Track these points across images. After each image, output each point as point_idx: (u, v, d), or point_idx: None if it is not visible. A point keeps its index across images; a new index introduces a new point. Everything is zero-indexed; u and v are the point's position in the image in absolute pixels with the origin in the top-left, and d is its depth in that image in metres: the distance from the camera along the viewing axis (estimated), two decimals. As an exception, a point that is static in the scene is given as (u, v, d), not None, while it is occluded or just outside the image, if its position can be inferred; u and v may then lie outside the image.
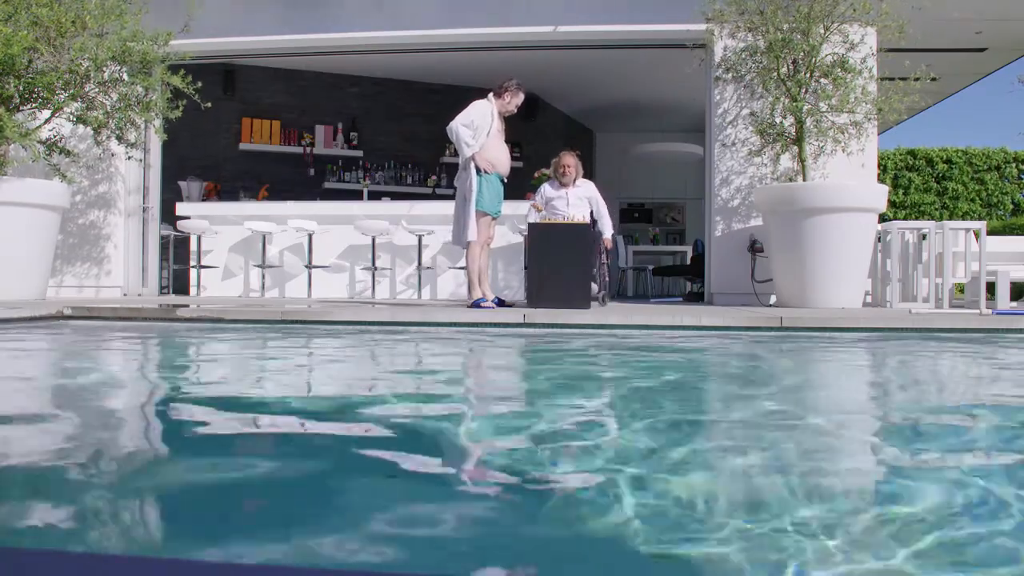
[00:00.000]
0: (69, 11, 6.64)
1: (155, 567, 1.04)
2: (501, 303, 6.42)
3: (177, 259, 9.27)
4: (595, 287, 6.91)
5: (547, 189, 7.24)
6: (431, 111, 10.70)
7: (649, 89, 11.52)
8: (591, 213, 7.18)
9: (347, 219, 8.66)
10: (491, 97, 6.50)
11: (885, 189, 7.09)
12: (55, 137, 7.09)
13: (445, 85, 11.18)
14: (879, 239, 7.23)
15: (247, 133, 10.67)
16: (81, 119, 6.96)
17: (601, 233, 7.18)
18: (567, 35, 8.22)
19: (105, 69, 6.89)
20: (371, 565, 1.06)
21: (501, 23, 8.24)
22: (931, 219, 13.57)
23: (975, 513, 1.31)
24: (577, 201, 7.10)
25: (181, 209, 8.77)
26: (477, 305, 6.19)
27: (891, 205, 14.04)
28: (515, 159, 8.60)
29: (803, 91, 6.97)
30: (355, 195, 10.37)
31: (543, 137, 11.71)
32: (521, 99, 6.57)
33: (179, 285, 9.50)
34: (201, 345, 4.39)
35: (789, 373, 3.49)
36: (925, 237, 7.07)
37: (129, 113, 7.04)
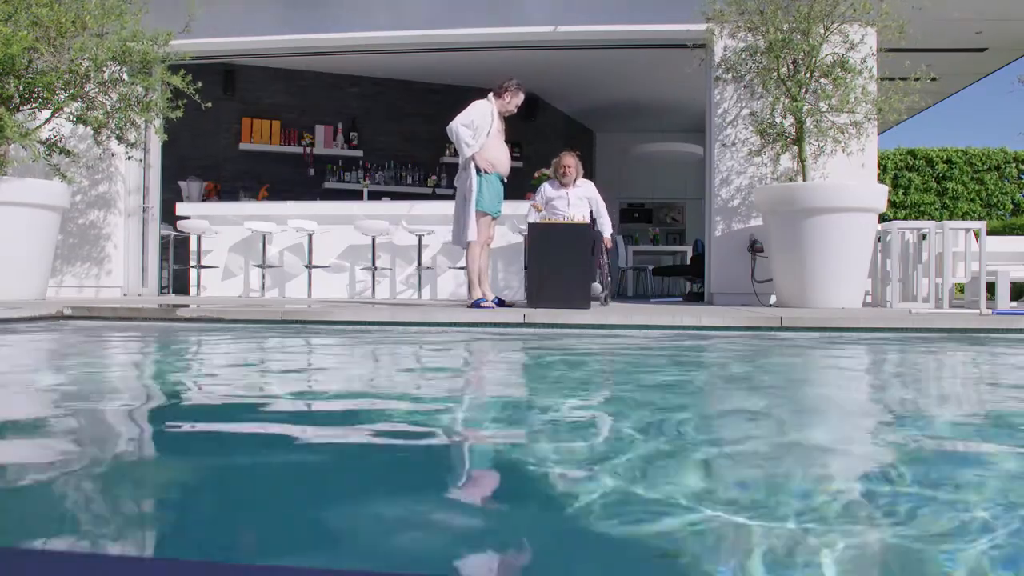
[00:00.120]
0: (69, 11, 6.64)
1: (155, 567, 1.04)
2: (501, 303, 6.42)
3: (177, 259, 9.27)
4: (599, 287, 6.91)
5: (547, 189, 7.24)
6: (431, 111, 10.70)
7: (649, 89, 11.52)
8: (590, 213, 7.18)
9: (347, 219, 8.66)
10: (491, 97, 6.51)
11: (885, 189, 7.09)
12: (55, 137, 7.10)
13: (445, 85, 11.18)
14: (879, 239, 7.23)
15: (247, 133, 10.68)
16: (81, 119, 6.96)
17: (601, 233, 7.18)
18: (567, 35, 8.23)
19: (105, 69, 6.90)
20: (371, 565, 1.06)
21: (501, 23, 8.24)
22: (931, 219, 13.58)
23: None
24: (577, 201, 7.11)
25: (181, 209, 8.78)
26: (477, 305, 6.19)
27: (891, 205, 14.04)
28: (515, 159, 8.60)
29: (803, 91, 6.97)
30: (355, 195, 10.38)
31: (543, 137, 11.71)
32: (521, 99, 6.57)
33: (179, 285, 9.50)
34: (201, 345, 4.39)
35: (795, 373, 3.49)
36: (925, 237, 7.07)
37: (129, 113, 7.04)
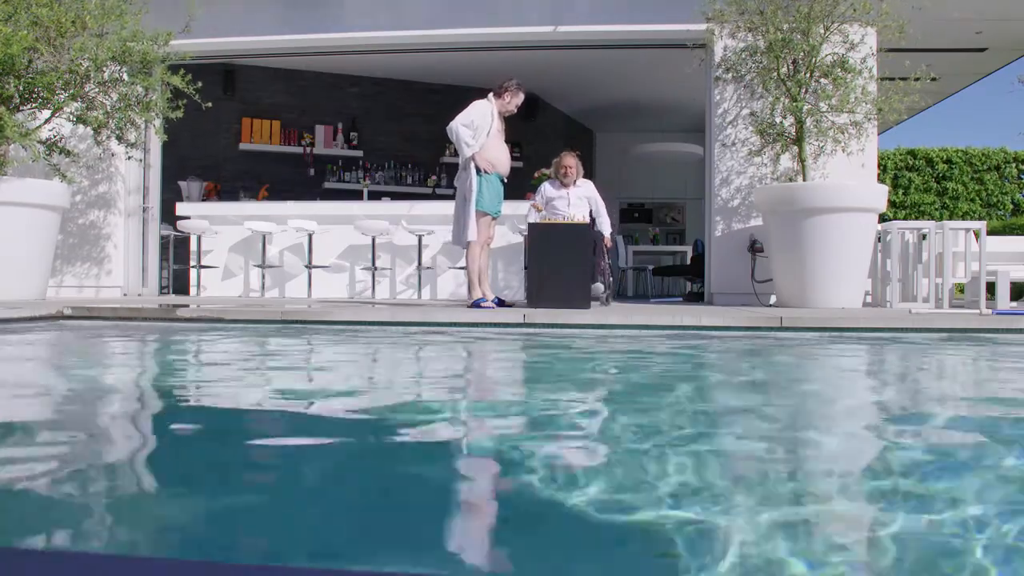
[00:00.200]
0: (69, 11, 6.64)
1: (155, 567, 1.04)
2: (501, 303, 6.42)
3: (177, 259, 9.27)
4: (601, 287, 6.92)
5: (548, 189, 7.24)
6: (431, 111, 10.70)
7: (649, 89, 11.52)
8: (590, 213, 7.18)
9: (347, 219, 8.66)
10: (491, 97, 6.51)
11: (885, 189, 7.09)
12: (55, 137, 7.09)
13: (445, 85, 11.18)
14: (879, 239, 7.23)
15: (247, 133, 10.68)
16: (81, 119, 6.96)
17: (602, 233, 7.19)
18: (567, 35, 8.22)
19: (105, 69, 6.89)
20: (371, 565, 1.06)
21: (501, 23, 8.24)
22: (931, 219, 13.57)
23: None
24: (578, 201, 7.12)
25: (181, 209, 8.77)
26: (477, 305, 6.19)
27: (891, 205, 14.03)
28: (515, 159, 8.60)
29: (803, 91, 6.97)
30: (355, 195, 10.38)
31: (543, 137, 11.71)
32: (521, 99, 6.57)
33: (179, 285, 9.50)
34: (201, 345, 4.39)
35: (798, 374, 3.49)
36: (925, 237, 7.06)
37: (129, 113, 7.04)
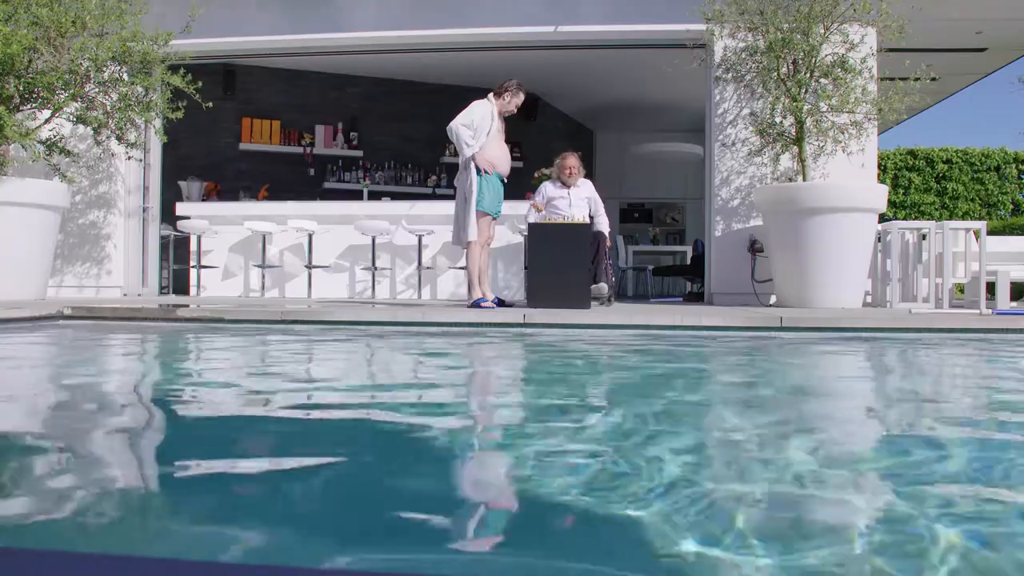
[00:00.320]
0: (69, 11, 6.64)
1: (155, 567, 1.03)
2: (501, 303, 6.43)
3: (177, 259, 9.27)
4: (606, 287, 6.92)
5: (549, 188, 7.24)
6: (431, 111, 10.69)
7: (649, 89, 11.52)
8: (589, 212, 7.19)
9: (347, 219, 8.66)
10: (491, 97, 6.51)
11: (885, 189, 7.09)
12: (55, 137, 7.09)
13: (445, 85, 11.18)
14: (879, 239, 7.23)
15: (247, 133, 10.68)
16: (81, 119, 6.96)
17: (603, 232, 7.18)
18: (567, 35, 8.23)
19: (105, 69, 6.89)
20: (371, 564, 1.06)
21: (502, 23, 8.24)
22: (931, 219, 13.57)
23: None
24: (579, 201, 7.13)
25: (181, 209, 8.78)
26: (477, 305, 6.19)
27: (891, 205, 14.04)
28: (515, 159, 8.60)
29: (803, 91, 6.97)
30: (355, 195, 10.38)
31: (543, 137, 11.71)
32: (521, 99, 6.58)
33: (179, 285, 9.50)
34: (201, 345, 4.39)
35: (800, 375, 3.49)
36: (925, 237, 7.06)
37: (129, 113, 7.04)
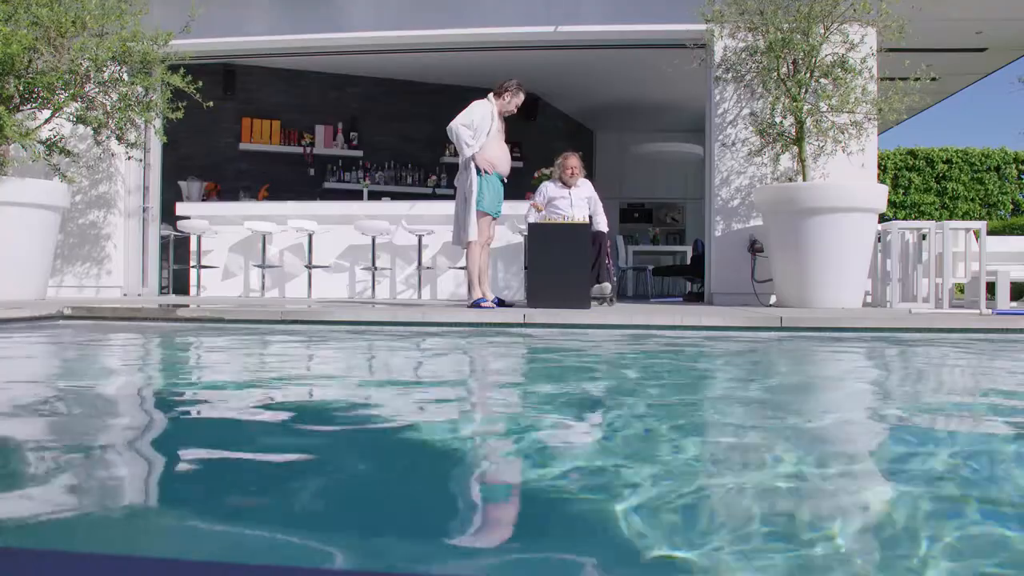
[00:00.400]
0: (69, 11, 6.64)
1: (155, 567, 1.03)
2: (501, 303, 6.43)
3: (177, 259, 9.27)
4: (609, 286, 6.92)
5: (550, 188, 7.24)
6: (431, 111, 10.68)
7: (649, 89, 11.52)
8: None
9: (347, 219, 8.66)
10: (491, 97, 6.51)
11: (885, 189, 7.09)
12: (55, 137, 7.09)
13: (445, 85, 11.18)
14: (879, 239, 7.23)
15: (247, 133, 10.67)
16: (81, 119, 6.96)
17: (604, 232, 7.19)
18: (567, 35, 8.22)
19: (105, 69, 6.89)
20: (371, 564, 1.06)
21: (501, 23, 8.24)
22: (931, 219, 13.57)
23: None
24: (580, 201, 7.14)
25: (181, 209, 8.78)
26: (477, 305, 6.19)
27: (891, 205, 14.04)
28: (515, 159, 8.60)
29: (803, 91, 6.97)
30: (355, 195, 10.37)
31: (543, 137, 11.70)
32: (521, 99, 6.58)
33: (179, 285, 9.50)
34: (200, 345, 4.39)
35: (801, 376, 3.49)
36: (925, 237, 7.06)
37: (129, 113, 7.04)
